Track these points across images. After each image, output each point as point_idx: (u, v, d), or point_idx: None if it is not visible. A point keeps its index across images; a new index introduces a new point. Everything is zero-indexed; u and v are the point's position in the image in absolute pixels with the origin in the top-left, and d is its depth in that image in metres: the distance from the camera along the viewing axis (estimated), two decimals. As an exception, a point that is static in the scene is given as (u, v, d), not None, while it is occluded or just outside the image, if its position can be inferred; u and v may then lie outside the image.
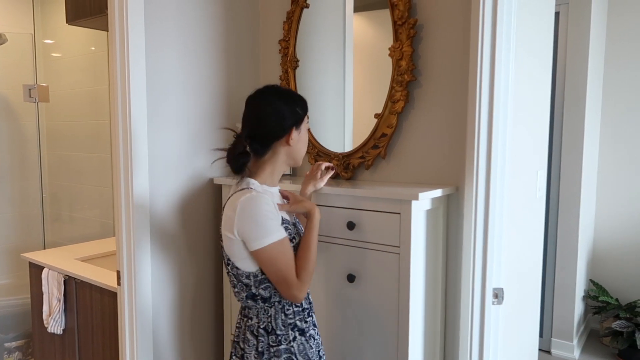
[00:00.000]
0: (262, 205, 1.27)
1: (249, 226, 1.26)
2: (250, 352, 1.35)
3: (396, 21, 1.78)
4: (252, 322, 1.37)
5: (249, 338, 1.36)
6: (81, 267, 2.24)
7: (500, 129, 1.57)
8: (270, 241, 1.27)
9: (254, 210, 1.26)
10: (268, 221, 1.27)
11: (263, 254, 1.27)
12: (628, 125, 3.31)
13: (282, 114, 1.36)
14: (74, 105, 3.23)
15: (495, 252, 1.61)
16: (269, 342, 1.35)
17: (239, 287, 1.35)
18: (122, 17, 1.72)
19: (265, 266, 1.29)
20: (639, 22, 3.21)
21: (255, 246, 1.26)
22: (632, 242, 3.36)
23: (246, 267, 1.32)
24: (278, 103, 1.37)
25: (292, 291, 1.30)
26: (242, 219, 1.26)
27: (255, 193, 1.29)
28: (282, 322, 1.36)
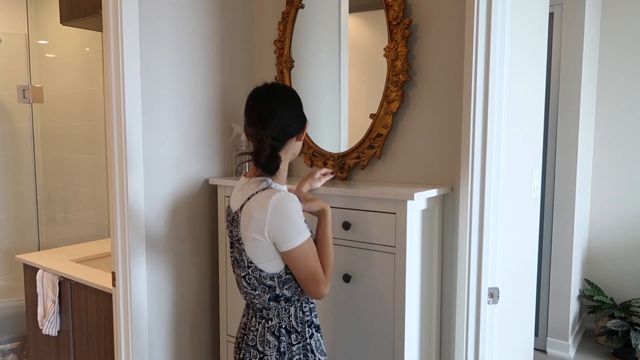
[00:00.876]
0: (294, 204, 1.28)
1: (283, 226, 1.25)
2: (272, 354, 1.33)
3: (391, 21, 1.78)
4: (273, 322, 1.35)
5: (269, 339, 1.34)
6: (76, 269, 2.23)
7: (495, 129, 1.58)
8: (302, 240, 1.27)
9: (287, 210, 1.26)
10: (300, 219, 1.28)
11: (296, 254, 1.27)
12: (622, 126, 3.33)
13: (298, 114, 1.38)
14: (68, 106, 3.21)
15: (490, 251, 1.61)
16: (290, 341, 1.34)
17: (260, 289, 1.33)
18: (117, 18, 1.71)
19: (297, 265, 1.29)
20: (632, 23, 3.23)
21: (289, 246, 1.26)
22: (627, 242, 3.37)
23: (271, 269, 1.31)
24: (296, 100, 1.39)
25: (320, 287, 1.31)
26: (275, 219, 1.25)
27: (285, 193, 1.29)
28: (300, 319, 1.37)
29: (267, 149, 1.29)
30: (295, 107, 1.38)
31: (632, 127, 3.30)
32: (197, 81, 2.00)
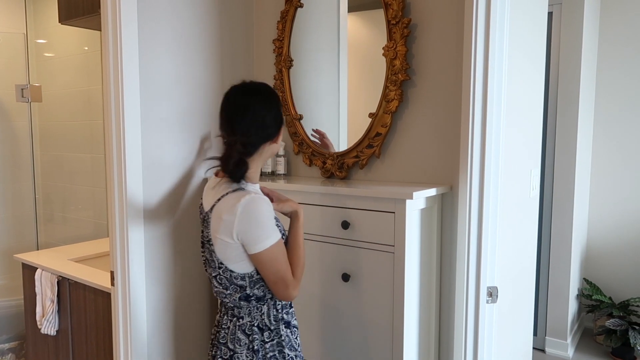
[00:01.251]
0: (263, 206, 1.26)
1: (252, 229, 1.25)
2: (242, 352, 1.34)
3: (390, 20, 1.78)
4: (244, 321, 1.35)
5: (240, 337, 1.35)
6: (75, 268, 2.23)
7: (493, 128, 1.58)
8: (271, 242, 1.26)
9: (257, 212, 1.25)
10: (269, 222, 1.27)
11: (264, 256, 1.26)
12: (621, 125, 3.33)
13: (275, 118, 1.35)
14: (67, 106, 3.21)
15: (489, 250, 1.61)
16: (263, 339, 1.35)
17: (231, 289, 1.34)
18: (115, 17, 1.71)
19: (265, 267, 1.28)
20: (631, 23, 3.23)
21: (258, 249, 1.25)
22: (626, 241, 3.38)
23: (241, 269, 1.30)
24: (272, 102, 1.35)
25: (289, 290, 1.31)
26: (244, 221, 1.24)
27: (255, 194, 1.27)
28: (273, 317, 1.37)
29: (235, 155, 1.28)
30: (272, 109, 1.34)
31: (631, 127, 3.30)
32: (195, 80, 2.00)
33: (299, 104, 2.10)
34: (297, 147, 2.10)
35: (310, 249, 1.76)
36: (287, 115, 2.12)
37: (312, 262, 1.76)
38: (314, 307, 1.77)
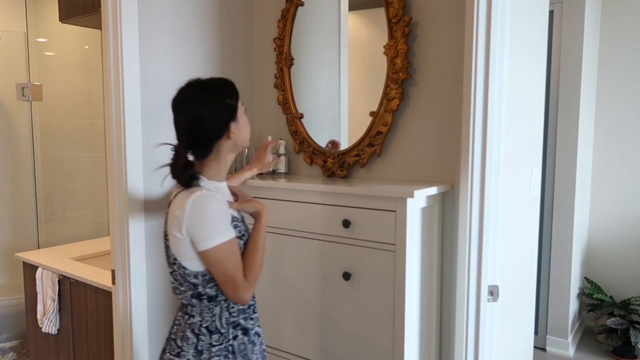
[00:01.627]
0: (212, 203, 1.24)
1: (198, 226, 1.22)
2: (189, 351, 1.31)
3: (391, 19, 1.78)
4: (195, 320, 1.32)
5: (188, 336, 1.32)
6: (75, 267, 2.23)
7: (494, 127, 1.57)
8: (219, 241, 1.23)
9: (204, 209, 1.22)
10: (218, 220, 1.24)
11: (211, 255, 1.23)
12: (622, 124, 3.32)
13: (215, 114, 1.29)
14: (67, 104, 3.21)
15: (490, 249, 1.61)
16: (210, 342, 1.31)
17: (185, 286, 1.31)
18: (116, 15, 1.71)
19: (213, 267, 1.25)
20: (632, 21, 3.23)
21: (204, 246, 1.23)
22: (626, 240, 3.37)
23: (194, 267, 1.28)
24: (207, 104, 1.29)
25: (238, 292, 1.26)
26: (192, 218, 1.22)
27: (206, 191, 1.25)
28: (225, 320, 1.32)
29: (182, 160, 1.27)
30: (213, 104, 1.29)
31: (632, 125, 3.30)
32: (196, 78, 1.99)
33: (300, 102, 2.10)
34: (298, 146, 2.10)
35: (311, 248, 1.76)
36: (288, 114, 2.12)
37: (312, 261, 1.76)
38: (315, 306, 1.77)
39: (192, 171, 1.27)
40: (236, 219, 1.34)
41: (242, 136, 1.35)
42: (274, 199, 1.84)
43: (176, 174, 1.27)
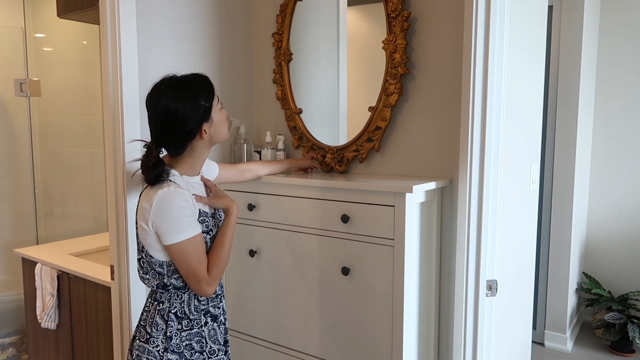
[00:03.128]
0: (177, 201, 1.26)
1: (163, 221, 1.25)
2: (158, 337, 1.34)
3: (390, 14, 1.78)
4: (164, 306, 1.36)
5: (158, 322, 1.35)
6: (74, 262, 2.23)
7: (493, 122, 1.57)
8: (183, 238, 1.26)
9: (169, 206, 1.25)
10: (182, 218, 1.27)
11: (175, 250, 1.27)
12: (620, 118, 3.33)
13: (187, 115, 1.28)
14: (66, 100, 3.20)
15: (488, 244, 1.61)
16: (180, 327, 1.35)
17: (151, 274, 1.35)
18: (114, 10, 1.70)
19: (177, 260, 1.29)
20: (631, 17, 3.22)
21: (168, 241, 1.27)
22: (625, 235, 3.38)
23: (160, 257, 1.32)
24: (179, 104, 1.28)
25: (201, 286, 1.30)
26: (157, 213, 1.25)
27: (173, 188, 1.27)
28: (194, 307, 1.37)
29: (152, 159, 1.28)
30: (186, 103, 1.28)
31: (630, 120, 3.30)
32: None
33: (299, 97, 2.09)
34: (297, 141, 2.09)
35: (309, 243, 1.76)
36: (286, 109, 2.12)
37: (311, 256, 1.76)
38: (314, 301, 1.78)
39: (159, 170, 1.28)
40: (204, 213, 1.37)
41: (218, 134, 1.37)
42: (273, 194, 1.84)
43: (144, 169, 1.29)
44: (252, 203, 1.90)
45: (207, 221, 1.37)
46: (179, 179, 1.34)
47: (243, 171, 1.79)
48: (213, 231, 1.38)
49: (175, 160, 1.36)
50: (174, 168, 1.35)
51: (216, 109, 1.36)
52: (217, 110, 1.36)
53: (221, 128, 1.38)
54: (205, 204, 1.39)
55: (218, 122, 1.36)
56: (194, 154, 1.36)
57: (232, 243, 1.39)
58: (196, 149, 1.36)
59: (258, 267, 1.94)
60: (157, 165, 1.28)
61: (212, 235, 1.37)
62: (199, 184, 1.42)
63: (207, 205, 1.40)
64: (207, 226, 1.36)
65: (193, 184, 1.39)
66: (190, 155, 1.36)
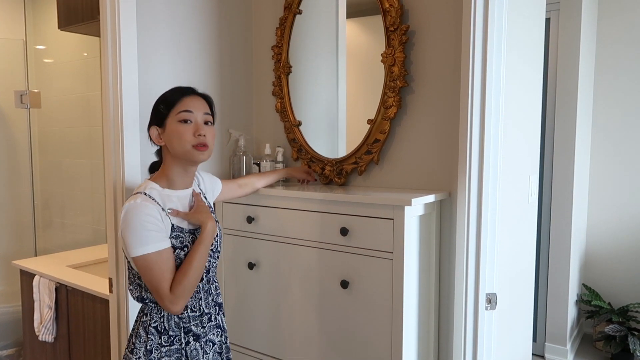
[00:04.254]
0: (141, 215, 1.26)
1: (126, 234, 1.26)
2: (140, 348, 1.33)
3: (388, 27, 1.79)
4: (146, 318, 1.36)
5: (141, 334, 1.35)
6: (73, 274, 2.22)
7: (492, 134, 1.58)
8: (144, 252, 1.25)
9: (132, 219, 1.26)
10: (144, 232, 1.25)
11: (137, 263, 1.27)
12: (619, 130, 3.34)
13: (151, 114, 1.39)
14: (66, 111, 3.21)
15: (488, 257, 1.61)
16: (160, 342, 1.33)
17: (133, 285, 1.36)
18: (114, 23, 1.71)
19: (141, 274, 1.29)
20: (628, 27, 3.25)
21: (130, 254, 1.27)
22: (624, 246, 3.38)
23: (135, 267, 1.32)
24: (155, 103, 1.39)
25: (164, 303, 1.27)
26: (123, 225, 1.27)
27: (140, 200, 1.28)
28: (174, 323, 1.35)
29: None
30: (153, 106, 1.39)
31: (629, 132, 3.31)
32: (194, 86, 2.00)
33: (298, 110, 2.10)
34: (296, 153, 2.10)
35: (308, 256, 1.76)
36: (285, 122, 2.12)
37: (310, 269, 1.76)
38: (313, 314, 1.77)
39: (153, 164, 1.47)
40: (179, 229, 1.34)
41: (172, 146, 1.35)
42: (272, 206, 1.84)
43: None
44: (251, 215, 1.90)
45: (182, 237, 1.34)
46: (156, 192, 1.33)
47: (241, 185, 1.79)
48: (189, 247, 1.35)
49: (159, 173, 1.40)
50: (157, 182, 1.36)
51: (174, 119, 1.34)
52: (174, 121, 1.34)
53: (173, 140, 1.34)
54: (182, 219, 1.36)
55: (170, 132, 1.34)
56: (167, 164, 1.38)
57: (204, 262, 1.34)
58: (166, 159, 1.39)
59: (257, 279, 1.93)
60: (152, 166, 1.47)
61: (187, 252, 1.34)
62: (183, 199, 1.40)
63: (185, 221, 1.37)
64: (181, 242, 1.33)
65: (173, 198, 1.36)
66: (166, 165, 1.39)
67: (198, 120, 1.35)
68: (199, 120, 1.35)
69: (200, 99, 1.39)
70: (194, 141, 1.33)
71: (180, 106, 1.34)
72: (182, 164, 1.37)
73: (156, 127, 1.36)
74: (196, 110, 1.35)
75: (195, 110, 1.35)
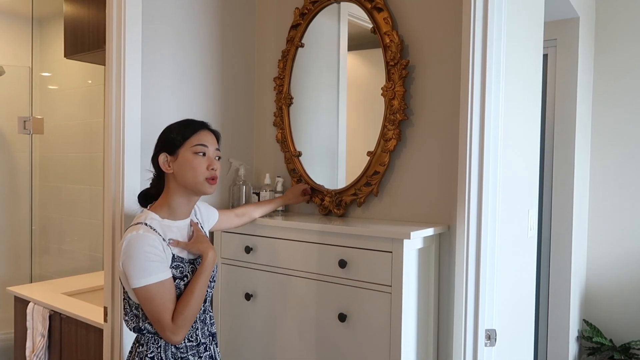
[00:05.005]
0: (143, 246, 1.27)
1: (129, 264, 1.27)
2: None
3: (389, 62, 1.82)
4: (143, 349, 1.35)
5: None
6: (67, 302, 2.19)
7: (490, 168, 1.59)
8: (147, 282, 1.26)
9: (135, 250, 1.27)
10: (147, 263, 1.27)
11: (140, 294, 1.27)
12: (618, 163, 3.35)
13: (159, 140, 1.42)
14: (68, 137, 3.23)
15: (487, 292, 1.60)
16: None
17: (129, 316, 1.36)
18: (120, 52, 1.74)
19: (142, 305, 1.29)
20: (624, 61, 3.30)
21: (133, 285, 1.27)
22: (626, 281, 3.35)
23: (135, 299, 1.33)
24: (165, 129, 1.43)
25: (165, 333, 1.28)
26: (125, 256, 1.27)
27: (142, 231, 1.29)
28: (172, 354, 1.35)
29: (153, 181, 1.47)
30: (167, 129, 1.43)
31: (628, 165, 3.32)
32: (197, 116, 2.02)
33: (298, 140, 2.12)
34: (296, 184, 2.10)
35: (306, 288, 1.74)
36: (286, 152, 2.14)
37: (308, 301, 1.74)
38: (310, 347, 1.74)
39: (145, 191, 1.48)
40: (179, 259, 1.36)
41: (182, 176, 1.37)
42: (270, 236, 1.83)
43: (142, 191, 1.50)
44: (249, 245, 1.89)
45: (182, 267, 1.35)
46: (157, 223, 1.35)
47: (239, 215, 1.80)
48: (189, 277, 1.36)
49: (159, 202, 1.41)
50: (157, 212, 1.38)
51: (189, 150, 1.37)
52: (189, 151, 1.37)
53: (186, 170, 1.36)
54: (182, 249, 1.38)
55: (184, 162, 1.37)
56: (169, 192, 1.40)
57: (205, 291, 1.36)
58: (170, 187, 1.40)
59: (254, 311, 1.91)
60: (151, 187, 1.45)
61: (186, 282, 1.35)
62: (182, 229, 1.42)
63: (185, 251, 1.39)
64: (181, 272, 1.35)
65: (172, 228, 1.39)
66: (168, 194, 1.40)
67: (210, 155, 1.40)
68: (211, 154, 1.40)
69: (212, 134, 1.44)
70: (207, 174, 1.38)
71: (196, 139, 1.38)
72: (186, 194, 1.40)
73: (166, 154, 1.38)
74: (210, 145, 1.40)
75: (209, 145, 1.40)
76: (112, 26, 1.75)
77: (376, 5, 1.86)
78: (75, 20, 2.58)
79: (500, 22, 1.58)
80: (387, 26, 1.83)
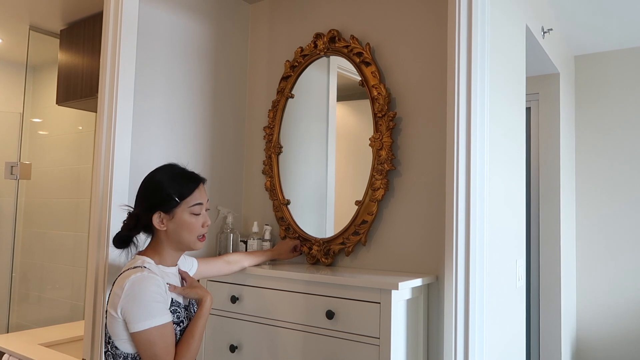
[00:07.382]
0: (150, 286, 1.26)
1: (133, 306, 1.24)
2: None
3: (376, 113, 1.86)
4: None
5: None
6: (44, 354, 2.11)
7: (477, 218, 1.60)
8: (151, 325, 1.24)
9: (140, 290, 1.25)
10: (153, 304, 1.25)
11: (142, 337, 1.24)
12: (602, 213, 3.39)
13: (152, 193, 1.37)
14: (55, 182, 3.21)
15: (477, 343, 1.57)
16: None
17: None
18: (112, 101, 1.77)
19: (143, 349, 1.26)
20: (603, 114, 3.40)
21: (136, 328, 1.24)
22: (616, 332, 3.31)
23: (125, 348, 1.29)
24: (158, 182, 1.38)
25: None
26: (128, 298, 1.25)
27: (147, 273, 1.28)
28: None
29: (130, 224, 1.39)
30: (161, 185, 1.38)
31: (612, 213, 3.36)
32: (187, 163, 2.02)
33: (287, 189, 2.13)
34: (284, 232, 2.09)
35: (293, 339, 1.70)
36: (274, 200, 2.14)
37: (295, 353, 1.70)
38: (296, 403, 1.68)
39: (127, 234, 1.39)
40: (177, 303, 1.36)
41: (178, 234, 1.37)
42: (257, 286, 1.81)
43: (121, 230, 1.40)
44: (235, 295, 1.86)
45: (178, 312, 1.35)
46: (154, 267, 1.35)
47: (229, 262, 1.78)
48: (184, 323, 1.35)
49: (150, 249, 1.39)
50: (150, 257, 1.37)
51: (186, 211, 1.37)
52: (186, 212, 1.37)
53: (183, 231, 1.36)
54: (179, 294, 1.38)
55: (181, 222, 1.36)
56: (159, 243, 1.38)
57: (203, 335, 1.37)
58: (160, 239, 1.38)
59: (238, 363, 1.85)
60: (130, 229, 1.37)
61: (182, 328, 1.34)
62: (175, 275, 1.43)
63: (181, 296, 1.38)
64: (178, 317, 1.34)
65: (168, 274, 1.39)
66: (158, 244, 1.39)
67: (204, 211, 1.41)
68: (204, 210, 1.41)
69: (203, 185, 1.44)
70: (200, 233, 1.39)
71: (192, 199, 1.38)
72: (178, 248, 1.40)
73: (161, 212, 1.36)
74: (204, 201, 1.41)
75: (204, 202, 1.41)
76: (106, 74, 1.79)
77: (364, 59, 1.92)
78: (69, 68, 2.63)
79: (483, 76, 1.64)
80: (375, 79, 1.88)
